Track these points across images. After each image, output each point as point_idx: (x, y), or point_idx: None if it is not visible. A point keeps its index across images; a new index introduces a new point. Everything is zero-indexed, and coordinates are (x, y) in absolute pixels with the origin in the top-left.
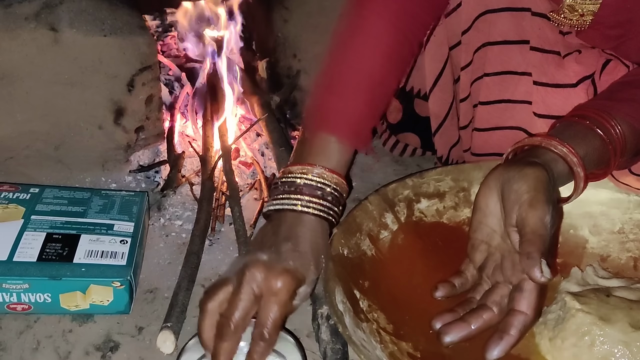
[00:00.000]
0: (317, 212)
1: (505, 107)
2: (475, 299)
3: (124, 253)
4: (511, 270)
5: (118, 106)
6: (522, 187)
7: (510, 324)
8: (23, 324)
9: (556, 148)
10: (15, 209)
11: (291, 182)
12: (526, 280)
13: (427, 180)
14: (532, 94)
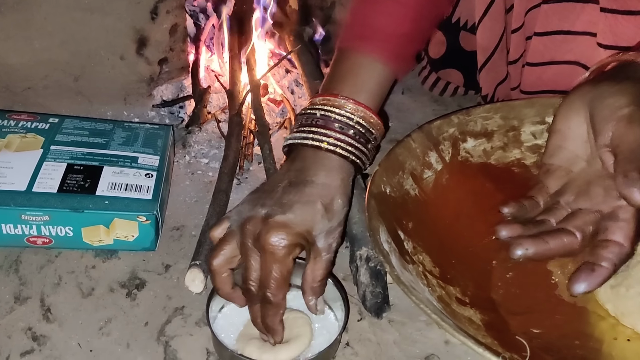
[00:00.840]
0: (337, 149)
1: (563, 38)
2: (551, 222)
3: (149, 187)
4: (603, 196)
5: (141, 35)
6: (619, 100)
7: (602, 256)
8: (44, 258)
9: None
10: (34, 138)
11: (311, 114)
12: (622, 208)
13: (474, 117)
14: (597, 23)
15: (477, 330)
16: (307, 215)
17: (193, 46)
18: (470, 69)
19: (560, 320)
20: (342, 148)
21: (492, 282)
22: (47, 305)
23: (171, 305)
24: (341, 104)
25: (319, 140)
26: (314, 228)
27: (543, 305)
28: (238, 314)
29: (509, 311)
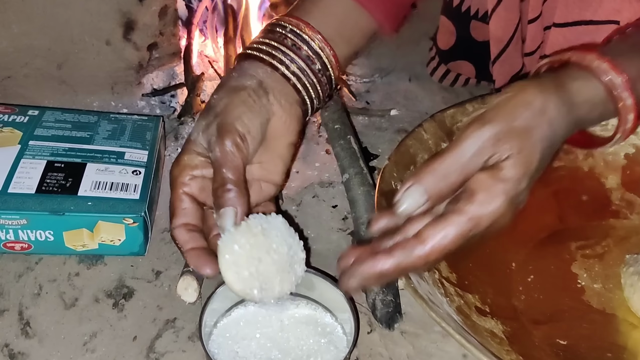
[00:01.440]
0: (288, 73)
1: (584, 29)
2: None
3: (137, 185)
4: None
5: (127, 18)
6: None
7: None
8: (22, 265)
9: (589, 62)
10: (11, 133)
11: (280, 33)
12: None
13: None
14: (621, 11)
15: (501, 344)
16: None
17: (185, 30)
18: (482, 60)
19: (588, 330)
20: (298, 79)
21: (513, 287)
22: (25, 319)
23: (162, 317)
24: (315, 36)
25: (281, 62)
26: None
27: (569, 312)
28: (236, 328)
29: (532, 320)
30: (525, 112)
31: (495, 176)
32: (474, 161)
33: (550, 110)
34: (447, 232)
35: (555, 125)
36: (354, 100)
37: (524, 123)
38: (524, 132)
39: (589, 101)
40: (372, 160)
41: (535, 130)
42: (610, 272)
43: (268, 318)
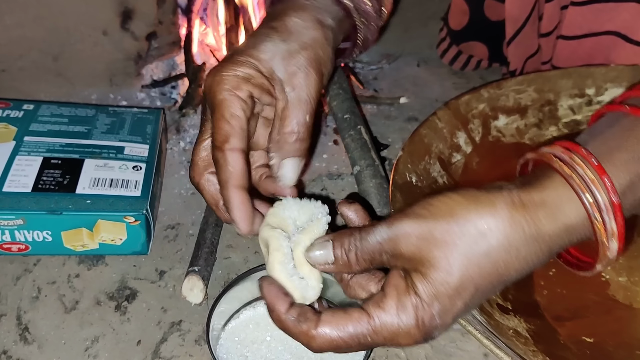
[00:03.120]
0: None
1: (604, 7)
2: None
3: (137, 182)
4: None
5: (125, 7)
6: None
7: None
8: (20, 267)
9: (570, 176)
10: (5, 128)
11: None
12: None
13: (506, 91)
14: None
15: (526, 344)
16: (251, 40)
17: (185, 18)
18: (496, 41)
19: (616, 326)
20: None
21: (534, 282)
22: (24, 324)
23: (167, 320)
24: None
25: None
26: (258, 50)
27: (594, 308)
28: (245, 331)
29: (556, 316)
30: (474, 239)
31: (408, 285)
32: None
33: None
34: (343, 328)
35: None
36: (362, 88)
37: (469, 250)
38: (463, 259)
39: (573, 226)
40: (382, 151)
41: (483, 266)
42: (634, 263)
43: None
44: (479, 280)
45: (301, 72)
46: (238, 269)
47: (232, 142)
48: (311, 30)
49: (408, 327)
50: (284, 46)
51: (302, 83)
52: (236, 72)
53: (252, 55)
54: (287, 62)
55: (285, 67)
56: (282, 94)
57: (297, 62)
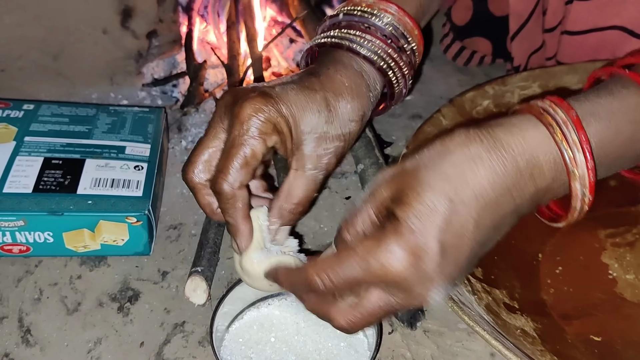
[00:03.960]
0: (372, 55)
1: (609, 1)
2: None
3: (139, 182)
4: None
5: (125, 5)
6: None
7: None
8: (22, 269)
9: (546, 119)
10: (6, 129)
11: (333, 16)
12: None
13: (511, 87)
14: None
15: (534, 343)
16: (300, 99)
17: (185, 16)
18: (500, 37)
19: (624, 325)
20: (366, 49)
21: (541, 280)
22: (26, 326)
23: (170, 321)
24: (370, 3)
25: (341, 38)
26: (302, 118)
27: (602, 306)
28: (249, 332)
29: (563, 315)
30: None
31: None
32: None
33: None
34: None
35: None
36: None
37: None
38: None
39: (545, 170)
40: (386, 148)
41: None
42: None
43: (283, 320)
44: (451, 192)
45: (327, 158)
46: None
47: (244, 181)
48: (354, 123)
49: (391, 247)
50: (324, 129)
51: (323, 167)
52: (275, 121)
53: (294, 118)
54: (319, 143)
55: (315, 148)
56: (300, 166)
57: (328, 147)
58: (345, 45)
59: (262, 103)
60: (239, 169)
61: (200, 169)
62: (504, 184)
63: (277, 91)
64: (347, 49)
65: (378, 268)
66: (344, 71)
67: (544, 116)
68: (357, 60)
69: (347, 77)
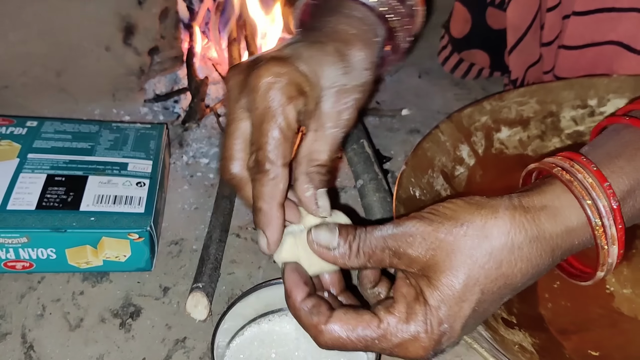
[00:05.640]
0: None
1: (606, 17)
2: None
3: (141, 198)
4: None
5: (127, 22)
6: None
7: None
8: (24, 285)
9: (570, 182)
10: (9, 146)
11: None
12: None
13: (508, 103)
14: None
15: (532, 359)
16: (313, 54)
17: (187, 33)
18: (498, 49)
19: (622, 340)
20: (385, 7)
21: (539, 295)
22: (29, 342)
23: (171, 337)
24: None
25: None
26: (322, 73)
27: (600, 321)
28: (250, 348)
29: (561, 330)
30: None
31: (417, 292)
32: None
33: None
34: (353, 328)
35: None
36: None
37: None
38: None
39: (575, 231)
40: (385, 163)
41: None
42: (639, 275)
43: (283, 337)
44: (484, 282)
45: (346, 113)
46: (242, 285)
47: (287, 156)
48: (368, 72)
49: (417, 333)
50: (344, 80)
51: (343, 124)
52: (297, 82)
53: (316, 74)
54: (339, 98)
55: (334, 103)
56: (320, 125)
57: (347, 102)
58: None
59: (280, 66)
60: (278, 144)
61: (236, 162)
62: (536, 272)
63: (288, 52)
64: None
65: (400, 349)
66: (347, 20)
67: (581, 196)
68: (357, 7)
69: (352, 26)
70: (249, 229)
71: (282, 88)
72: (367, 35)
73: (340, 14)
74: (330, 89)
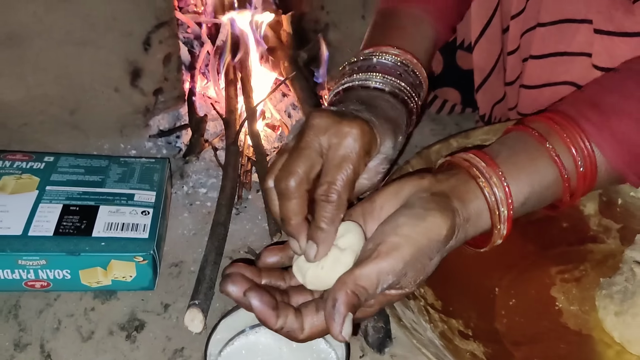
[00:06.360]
0: (395, 89)
1: (559, 60)
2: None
3: (145, 225)
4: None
5: (134, 67)
6: (404, 228)
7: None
8: (43, 302)
9: (490, 194)
10: (30, 179)
11: (363, 62)
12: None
13: (473, 140)
14: (592, 44)
15: None
16: (382, 126)
17: (188, 74)
18: (468, 87)
19: (565, 350)
20: (404, 93)
21: (496, 311)
22: (47, 351)
23: (171, 347)
24: (397, 53)
25: (383, 82)
26: (384, 143)
27: (548, 334)
28: (238, 356)
29: (513, 341)
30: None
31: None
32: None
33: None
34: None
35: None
36: None
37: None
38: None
39: (477, 220)
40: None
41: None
42: (586, 294)
43: (268, 346)
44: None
45: (379, 177)
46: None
47: (350, 196)
48: (395, 150)
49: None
50: (391, 152)
51: (372, 184)
52: (373, 144)
53: (381, 141)
54: (382, 163)
55: (377, 165)
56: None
57: (384, 168)
58: (371, 87)
59: (367, 126)
60: (348, 182)
61: (298, 179)
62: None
63: (366, 116)
64: (373, 89)
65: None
66: (387, 104)
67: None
68: (382, 96)
69: (394, 110)
70: (241, 252)
71: (364, 145)
72: (399, 121)
73: (379, 98)
74: (380, 154)
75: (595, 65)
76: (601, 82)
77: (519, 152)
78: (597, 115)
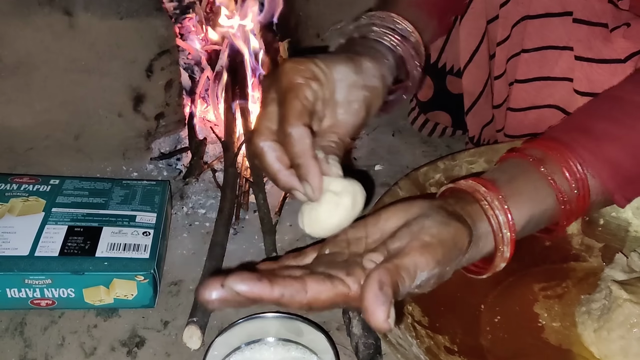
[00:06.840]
0: (386, 40)
1: (543, 84)
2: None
3: (146, 245)
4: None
5: (137, 92)
6: (432, 229)
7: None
8: (48, 319)
9: (493, 216)
10: (36, 201)
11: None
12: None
13: (460, 162)
14: (573, 70)
15: None
16: (327, 56)
17: (189, 99)
18: (457, 111)
19: None
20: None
21: (481, 328)
22: None
23: None
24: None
25: (374, 32)
26: (334, 67)
27: (530, 349)
28: None
29: (497, 357)
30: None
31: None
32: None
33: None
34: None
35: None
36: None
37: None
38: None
39: (481, 241)
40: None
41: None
42: (568, 311)
43: None
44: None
45: (356, 103)
46: (230, 319)
47: (306, 119)
48: (376, 79)
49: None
50: (354, 77)
51: (353, 111)
52: (313, 70)
53: (329, 67)
54: (350, 90)
55: (346, 94)
56: (333, 112)
57: (357, 95)
58: (370, 37)
59: (299, 61)
60: (297, 110)
61: (265, 133)
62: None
63: (307, 56)
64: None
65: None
66: (361, 47)
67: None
68: (375, 44)
69: (364, 48)
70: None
71: (300, 71)
72: (376, 55)
73: (358, 45)
74: (342, 81)
75: (576, 90)
76: (589, 110)
77: (518, 177)
78: (590, 141)
